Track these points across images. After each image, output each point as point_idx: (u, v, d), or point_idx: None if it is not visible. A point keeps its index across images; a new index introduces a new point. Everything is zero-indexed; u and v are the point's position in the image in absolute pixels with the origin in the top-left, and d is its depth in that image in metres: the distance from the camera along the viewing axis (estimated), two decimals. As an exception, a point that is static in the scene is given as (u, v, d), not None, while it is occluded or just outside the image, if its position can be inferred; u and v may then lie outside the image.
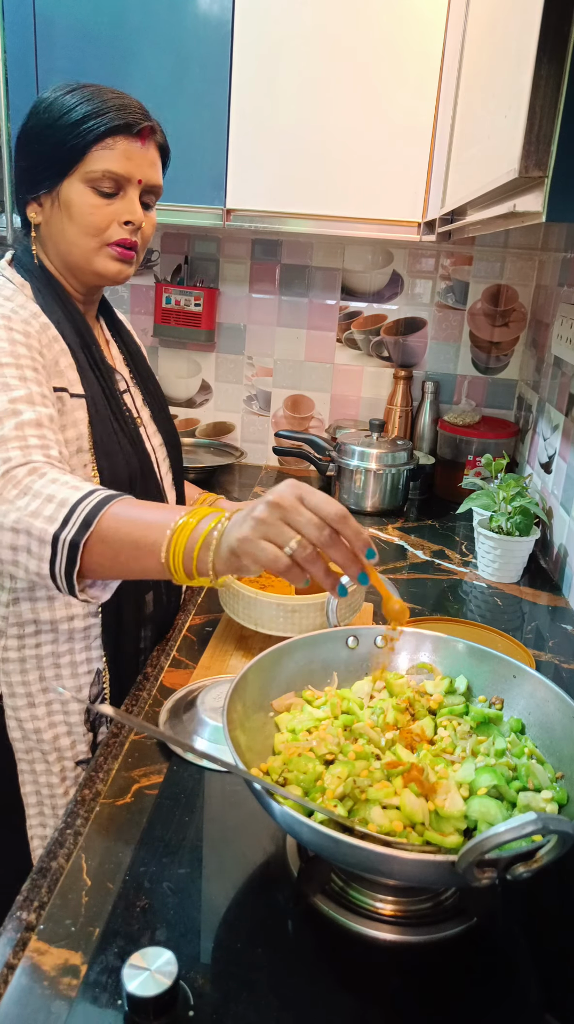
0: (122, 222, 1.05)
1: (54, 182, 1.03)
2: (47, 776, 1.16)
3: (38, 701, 1.13)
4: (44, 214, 1.06)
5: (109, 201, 1.04)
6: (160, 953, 0.63)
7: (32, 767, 1.15)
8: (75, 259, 1.07)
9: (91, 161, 1.01)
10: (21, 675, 1.12)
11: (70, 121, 1.00)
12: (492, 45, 0.97)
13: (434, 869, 0.64)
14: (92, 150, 1.01)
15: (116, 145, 1.02)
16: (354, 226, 1.80)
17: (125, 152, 1.03)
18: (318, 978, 0.70)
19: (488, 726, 0.87)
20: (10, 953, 0.69)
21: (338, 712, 0.88)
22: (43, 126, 1.02)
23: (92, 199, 1.03)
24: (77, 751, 1.16)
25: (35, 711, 1.13)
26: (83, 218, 1.03)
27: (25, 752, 1.15)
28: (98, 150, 1.01)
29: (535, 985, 0.71)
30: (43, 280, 1.07)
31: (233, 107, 1.76)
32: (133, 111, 1.03)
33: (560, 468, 1.65)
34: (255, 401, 2.39)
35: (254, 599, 1.18)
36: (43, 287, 1.07)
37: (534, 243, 2.12)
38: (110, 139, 1.01)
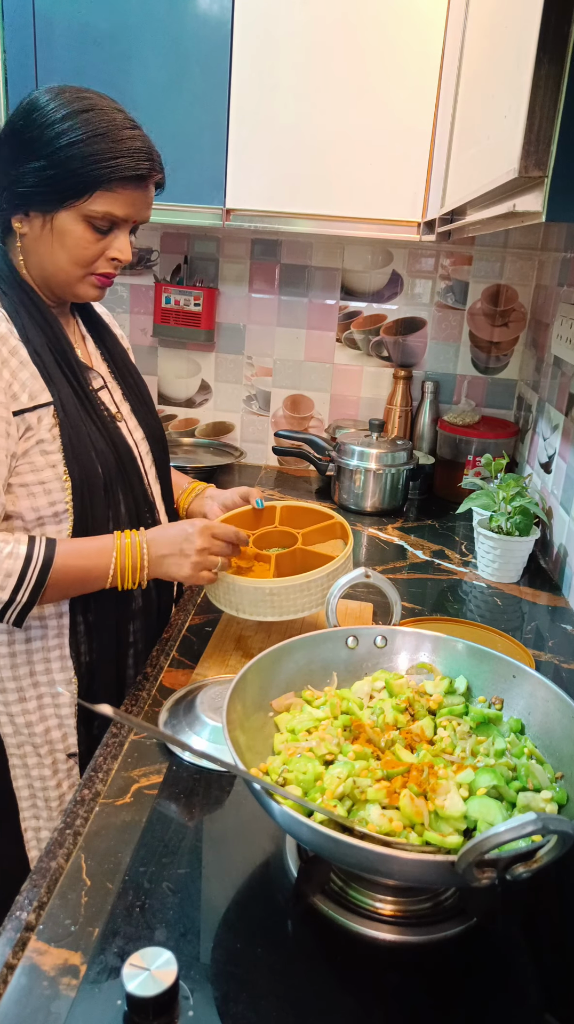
0: (110, 258, 1.06)
1: (51, 207, 1.01)
2: (39, 769, 1.17)
3: (29, 695, 1.14)
4: (31, 230, 1.04)
5: (101, 237, 1.04)
6: (160, 953, 0.63)
7: (24, 761, 1.16)
8: (58, 281, 1.08)
9: (94, 201, 1.01)
10: (12, 670, 1.13)
11: (82, 154, 0.98)
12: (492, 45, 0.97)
13: (434, 869, 0.64)
14: (98, 192, 1.00)
15: (121, 192, 1.02)
16: (354, 226, 1.80)
17: (129, 199, 1.03)
18: (318, 978, 0.70)
19: (488, 726, 0.87)
20: (10, 953, 0.69)
21: (338, 712, 0.87)
22: (51, 146, 0.98)
23: (86, 234, 1.03)
24: (68, 744, 1.18)
25: (26, 705, 1.14)
26: (75, 250, 1.04)
27: (16, 747, 1.16)
28: (103, 193, 1.01)
29: (535, 985, 0.71)
30: (12, 283, 1.06)
31: (232, 107, 1.76)
32: (143, 158, 1.02)
33: (560, 468, 1.65)
34: (255, 401, 2.39)
35: (233, 584, 1.16)
36: (10, 289, 1.05)
37: (534, 243, 2.12)
38: (119, 187, 1.01)
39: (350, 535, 1.26)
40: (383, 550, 1.75)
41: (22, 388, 1.02)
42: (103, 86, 1.74)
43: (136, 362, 1.33)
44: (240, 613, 1.17)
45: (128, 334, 2.35)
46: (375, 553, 1.74)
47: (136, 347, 2.35)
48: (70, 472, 1.06)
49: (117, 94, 1.75)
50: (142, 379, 1.30)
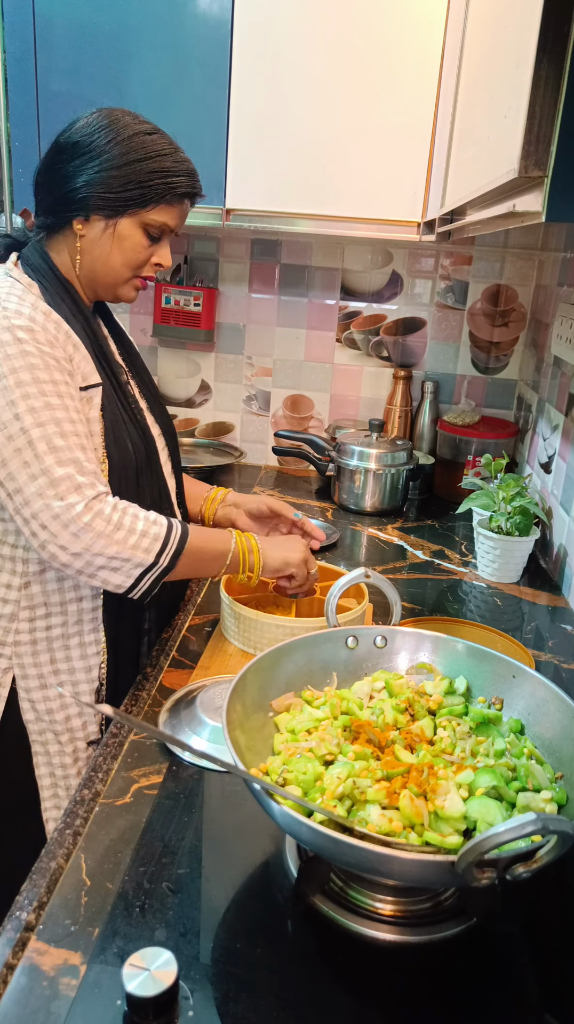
0: (154, 263, 1.17)
1: (115, 213, 1.10)
2: (60, 757, 1.19)
3: (50, 683, 1.17)
4: (91, 232, 1.12)
5: (152, 244, 1.15)
6: (160, 953, 0.63)
7: (46, 748, 1.18)
8: (106, 280, 1.16)
9: (156, 213, 1.12)
10: (33, 656, 1.15)
11: (150, 168, 1.09)
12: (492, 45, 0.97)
13: (434, 869, 0.64)
14: (161, 204, 1.12)
15: (178, 206, 1.14)
16: (353, 226, 1.80)
17: (180, 212, 1.16)
18: (318, 978, 0.70)
19: (487, 726, 0.87)
20: (10, 953, 0.69)
21: (338, 712, 0.87)
22: (120, 160, 1.08)
23: (143, 240, 1.14)
24: (88, 731, 1.20)
25: (47, 692, 1.17)
26: (130, 254, 1.14)
27: (39, 734, 1.18)
28: (165, 206, 1.12)
29: (535, 985, 0.71)
30: (53, 281, 1.13)
31: (232, 107, 1.76)
32: (196, 179, 1.15)
33: (560, 468, 1.65)
34: (254, 401, 2.39)
35: (255, 621, 1.19)
36: (51, 287, 1.12)
37: (534, 243, 2.12)
38: (178, 202, 1.14)
39: (366, 594, 1.29)
40: (383, 550, 1.75)
41: (78, 368, 1.10)
42: (103, 86, 1.76)
43: None
44: (257, 651, 1.18)
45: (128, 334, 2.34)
46: (375, 553, 1.74)
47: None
48: (108, 454, 1.12)
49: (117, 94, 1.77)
50: (152, 379, 1.34)
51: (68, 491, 1.01)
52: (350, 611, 1.22)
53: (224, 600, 1.24)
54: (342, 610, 1.20)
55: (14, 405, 1.00)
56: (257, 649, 1.19)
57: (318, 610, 1.26)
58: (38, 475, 1.00)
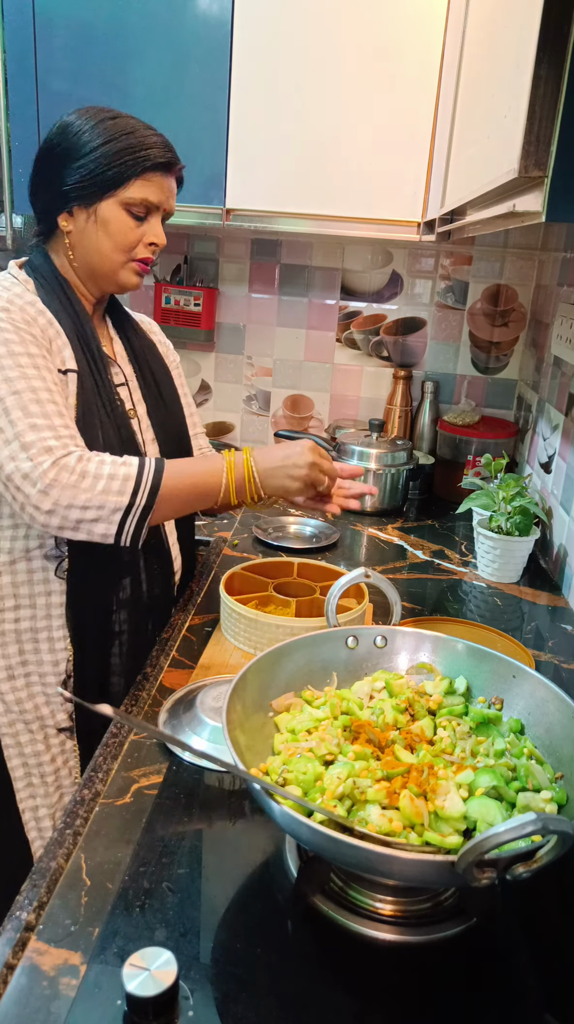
0: (147, 243, 1.17)
1: (93, 199, 1.12)
2: (32, 746, 1.20)
3: (17, 673, 1.18)
4: (76, 225, 1.15)
5: (139, 224, 1.15)
6: (160, 953, 0.63)
7: (17, 739, 1.20)
8: (103, 269, 1.17)
9: (132, 189, 1.12)
10: (1, 648, 1.17)
11: (115, 149, 1.10)
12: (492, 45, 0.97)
13: (434, 869, 0.64)
14: (135, 180, 1.12)
15: (154, 179, 1.14)
16: (353, 226, 1.80)
17: (159, 185, 1.15)
18: (318, 978, 0.70)
19: (487, 726, 0.87)
20: (10, 953, 0.69)
21: (338, 712, 0.87)
22: (87, 148, 1.10)
23: (127, 220, 1.14)
24: (57, 719, 1.21)
25: (15, 683, 1.19)
26: (118, 236, 1.15)
27: (8, 725, 1.19)
28: (140, 181, 1.13)
29: (535, 985, 0.71)
30: (50, 278, 1.16)
31: (232, 107, 1.76)
32: (166, 149, 1.15)
33: (560, 468, 1.65)
34: (255, 401, 2.39)
35: (255, 621, 1.19)
36: (47, 283, 1.15)
37: (534, 243, 2.12)
38: (152, 174, 1.13)
39: (366, 594, 1.29)
40: (383, 550, 1.75)
41: (57, 351, 1.12)
42: (103, 86, 1.76)
43: None
44: (257, 651, 1.18)
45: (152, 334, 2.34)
46: (375, 553, 1.74)
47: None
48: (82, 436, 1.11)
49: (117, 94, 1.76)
50: (172, 386, 1.34)
51: (39, 453, 1.01)
52: (350, 611, 1.22)
53: (224, 600, 1.24)
54: (342, 610, 1.20)
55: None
56: (257, 649, 1.19)
57: (318, 610, 1.26)
58: (11, 439, 1.02)
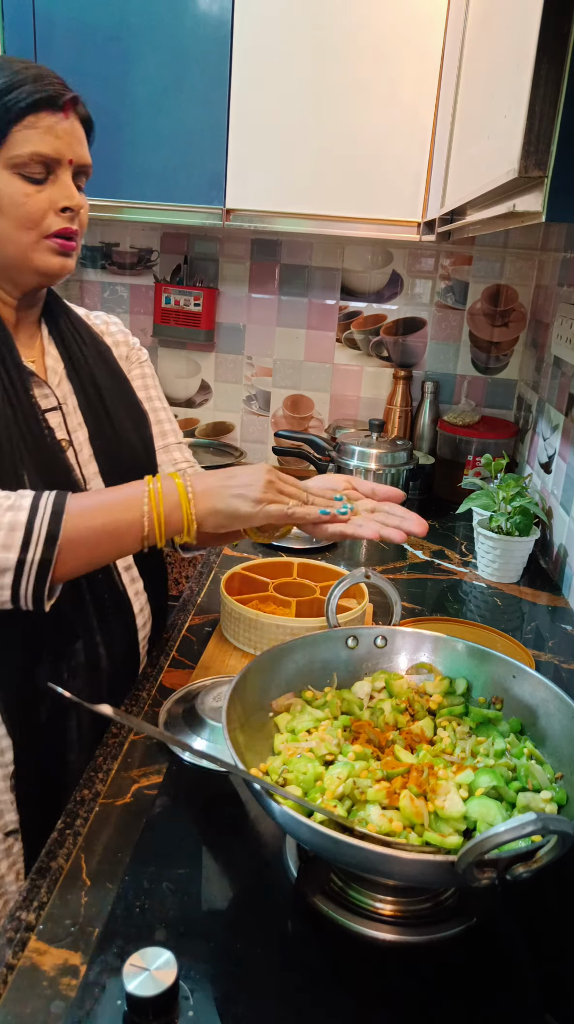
0: (59, 209, 0.93)
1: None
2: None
3: None
4: None
5: (40, 187, 0.91)
6: (160, 953, 0.63)
7: None
8: (11, 257, 0.93)
9: (14, 144, 0.88)
10: None
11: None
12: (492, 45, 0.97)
13: (434, 869, 0.64)
14: (13, 131, 0.88)
15: (39, 123, 0.89)
16: (354, 226, 1.80)
17: (50, 130, 0.90)
18: (318, 978, 0.70)
19: (487, 727, 0.87)
20: (10, 953, 0.69)
21: (338, 712, 0.87)
22: None
23: (22, 187, 0.90)
24: (5, 821, 0.99)
25: None
26: (15, 209, 0.90)
27: None
28: (20, 130, 0.88)
29: (535, 985, 0.71)
30: None
31: (232, 107, 1.76)
32: (52, 81, 0.91)
33: (560, 468, 1.65)
34: (255, 401, 2.39)
35: (255, 621, 1.19)
36: None
37: (534, 243, 2.12)
38: (31, 116, 0.89)
39: (366, 594, 1.28)
40: (383, 550, 1.75)
41: None
42: (103, 86, 1.75)
43: None
44: (257, 651, 1.18)
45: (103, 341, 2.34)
46: (375, 553, 1.74)
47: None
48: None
49: (117, 94, 1.77)
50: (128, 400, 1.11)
51: None
52: (350, 611, 1.22)
53: (224, 600, 1.24)
54: (342, 610, 1.20)
55: None
56: (257, 649, 1.19)
57: (318, 610, 1.26)
58: None
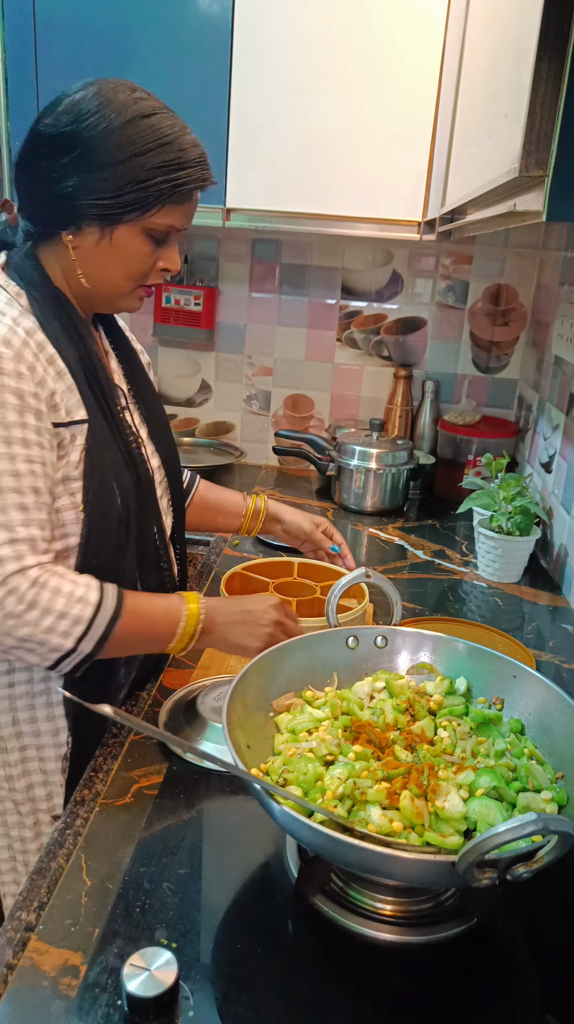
0: (160, 268, 1.01)
1: (111, 221, 0.94)
2: (19, 830, 1.06)
3: (11, 746, 1.03)
4: (83, 243, 0.96)
5: (156, 248, 0.98)
6: (160, 953, 0.63)
7: (3, 819, 1.06)
8: (105, 295, 1.01)
9: (160, 215, 0.95)
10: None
11: (149, 165, 0.91)
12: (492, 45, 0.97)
13: (434, 869, 0.64)
14: (167, 206, 0.94)
15: (185, 203, 0.97)
16: (354, 225, 1.80)
17: (189, 209, 0.99)
18: (318, 978, 0.70)
19: (488, 727, 0.87)
20: (10, 953, 0.69)
21: (338, 712, 0.87)
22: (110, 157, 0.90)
23: (145, 247, 0.97)
24: (53, 804, 1.06)
25: (7, 757, 1.03)
26: (130, 264, 0.98)
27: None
28: (172, 207, 0.95)
29: (535, 985, 0.71)
30: (44, 291, 0.97)
31: (233, 106, 1.76)
32: (205, 167, 0.97)
33: (560, 468, 1.65)
34: (255, 400, 2.39)
35: None
36: (43, 298, 0.97)
37: (534, 242, 2.12)
38: (183, 198, 0.96)
39: (366, 594, 1.28)
40: (383, 550, 1.75)
41: (61, 400, 0.94)
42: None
43: None
44: None
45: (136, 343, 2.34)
46: (375, 553, 1.74)
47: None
48: (86, 497, 0.96)
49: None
50: (160, 401, 1.20)
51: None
52: (350, 611, 1.21)
53: None
54: (342, 610, 1.20)
55: None
56: None
57: (318, 610, 1.26)
58: None
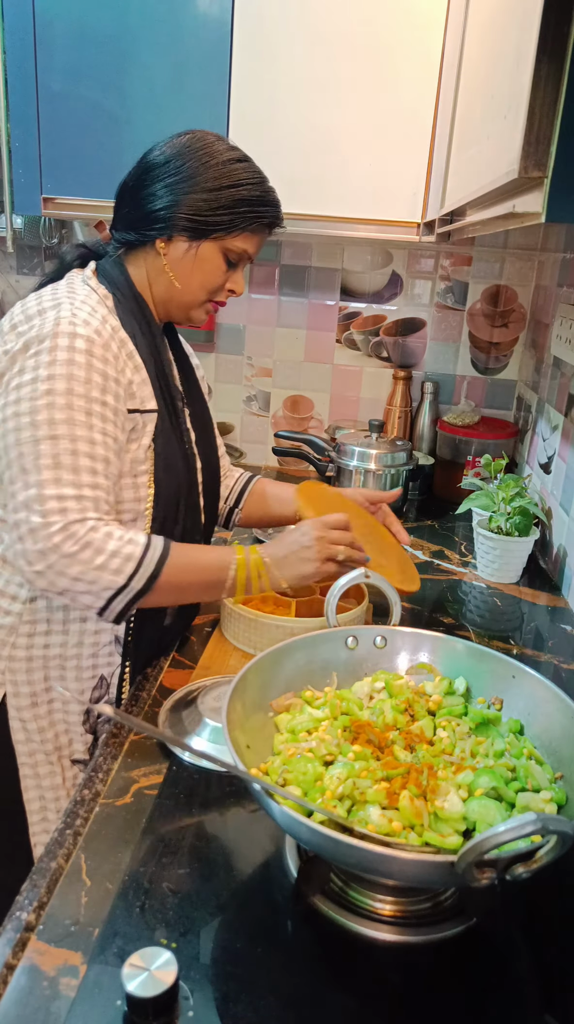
0: (228, 288, 1.17)
1: (200, 236, 1.10)
2: (50, 778, 1.16)
3: (41, 700, 1.14)
4: (173, 252, 1.11)
5: (229, 270, 1.15)
6: (160, 953, 0.63)
7: (35, 770, 1.15)
8: (182, 301, 1.16)
9: (240, 239, 1.12)
10: (27, 674, 1.12)
11: (241, 196, 1.09)
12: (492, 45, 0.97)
13: (434, 869, 0.64)
14: (247, 233, 1.12)
15: (259, 235, 1.15)
16: (353, 227, 1.80)
17: (260, 241, 1.16)
18: (318, 978, 0.70)
19: (487, 727, 0.87)
20: (10, 953, 0.69)
21: (338, 713, 0.88)
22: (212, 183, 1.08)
23: (222, 265, 1.13)
24: (73, 749, 1.17)
25: (37, 710, 1.14)
26: (210, 276, 1.13)
27: (28, 755, 1.14)
28: (251, 236, 1.13)
29: (535, 985, 0.71)
30: (129, 295, 1.12)
31: (232, 107, 1.76)
32: (279, 209, 1.15)
33: (559, 468, 1.65)
34: (254, 401, 2.39)
35: (255, 621, 1.19)
36: (126, 300, 1.11)
37: (533, 243, 2.12)
38: (259, 230, 1.14)
39: (366, 594, 1.29)
40: (383, 550, 1.75)
41: (137, 390, 1.08)
42: (103, 86, 1.76)
43: None
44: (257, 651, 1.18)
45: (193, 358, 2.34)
46: (375, 553, 1.74)
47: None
48: (156, 482, 1.10)
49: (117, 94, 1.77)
50: (209, 411, 1.33)
51: (52, 510, 0.96)
52: (350, 611, 1.22)
53: (224, 600, 1.24)
54: (342, 610, 1.20)
55: (35, 411, 0.98)
56: (257, 649, 1.19)
57: (318, 610, 1.26)
58: (31, 485, 0.97)
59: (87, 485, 0.99)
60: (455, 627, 1.40)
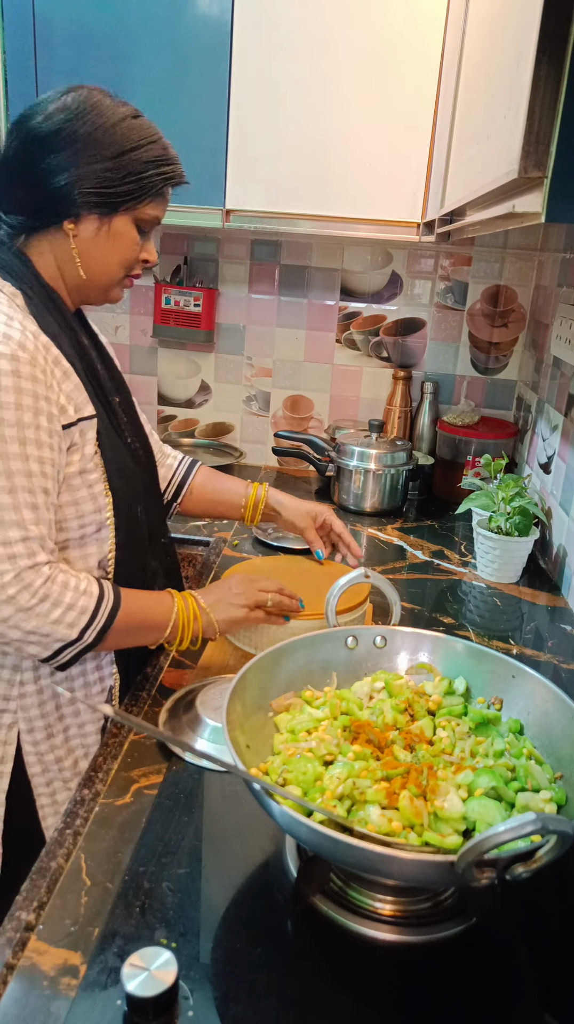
0: (142, 259, 1.09)
1: (110, 210, 1.01)
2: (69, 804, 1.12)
3: (56, 730, 1.09)
4: (83, 232, 1.02)
5: (141, 240, 1.07)
6: (159, 953, 0.63)
7: (53, 799, 1.10)
8: (99, 283, 1.07)
9: (150, 205, 1.04)
10: (39, 708, 1.07)
11: (144, 158, 1.01)
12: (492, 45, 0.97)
13: (433, 869, 0.64)
14: (154, 198, 1.04)
15: (166, 195, 1.07)
16: (353, 227, 1.80)
17: (166, 202, 1.08)
18: (318, 978, 0.70)
19: (487, 727, 0.87)
20: (10, 953, 0.69)
21: (337, 713, 0.88)
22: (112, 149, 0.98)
23: (135, 236, 1.06)
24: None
25: (54, 740, 1.09)
26: (126, 252, 1.06)
27: (45, 785, 1.09)
28: (158, 199, 1.05)
29: (535, 985, 0.71)
30: (37, 289, 1.02)
31: (232, 107, 1.76)
32: (178, 163, 1.07)
33: (559, 468, 1.65)
34: (254, 401, 2.39)
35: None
36: (36, 296, 1.01)
37: (533, 244, 2.12)
38: (166, 191, 1.06)
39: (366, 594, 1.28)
40: (382, 550, 1.75)
41: (68, 400, 1.00)
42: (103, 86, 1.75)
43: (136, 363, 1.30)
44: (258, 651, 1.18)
45: (128, 335, 2.35)
46: (374, 553, 1.74)
47: (136, 348, 2.35)
48: (112, 489, 1.05)
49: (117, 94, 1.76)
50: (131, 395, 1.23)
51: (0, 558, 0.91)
52: (350, 611, 1.21)
53: None
54: (342, 610, 1.20)
55: None
56: (257, 649, 1.19)
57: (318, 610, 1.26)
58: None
59: (31, 522, 0.93)
60: (455, 627, 1.40)
